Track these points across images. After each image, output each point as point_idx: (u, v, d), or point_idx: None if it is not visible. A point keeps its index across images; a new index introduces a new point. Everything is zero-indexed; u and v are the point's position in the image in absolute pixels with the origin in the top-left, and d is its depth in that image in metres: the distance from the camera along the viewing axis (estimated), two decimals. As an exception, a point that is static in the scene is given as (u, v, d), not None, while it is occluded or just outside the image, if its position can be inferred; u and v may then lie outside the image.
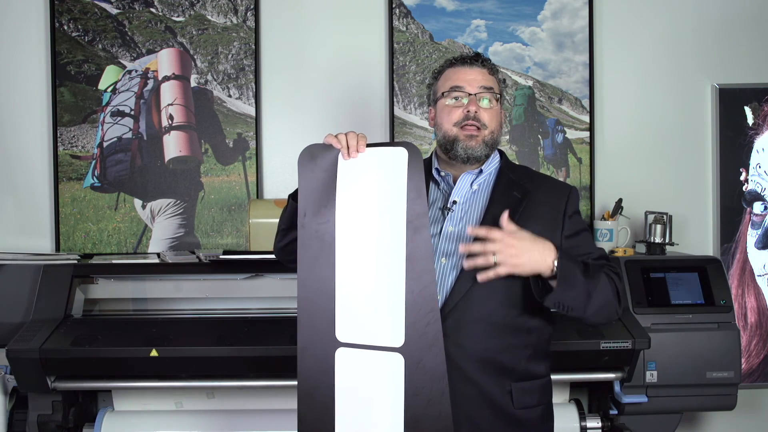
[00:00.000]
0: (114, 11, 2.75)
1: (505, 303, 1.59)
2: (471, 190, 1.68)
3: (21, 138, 2.72)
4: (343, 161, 1.57)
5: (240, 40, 2.77)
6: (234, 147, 2.76)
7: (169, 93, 2.74)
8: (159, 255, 2.55)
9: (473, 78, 1.66)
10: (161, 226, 2.73)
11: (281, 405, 2.33)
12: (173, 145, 2.73)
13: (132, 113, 2.72)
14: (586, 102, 2.83)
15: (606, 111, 2.85)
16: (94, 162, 2.72)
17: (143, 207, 2.73)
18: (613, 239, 2.64)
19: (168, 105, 2.73)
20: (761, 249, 2.82)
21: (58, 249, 2.69)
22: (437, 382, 1.48)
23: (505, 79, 1.76)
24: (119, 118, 2.72)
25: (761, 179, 2.82)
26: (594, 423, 2.38)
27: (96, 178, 2.72)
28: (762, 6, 2.86)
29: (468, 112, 1.64)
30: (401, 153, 1.53)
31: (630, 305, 2.38)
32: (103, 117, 2.72)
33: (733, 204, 2.82)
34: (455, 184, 1.68)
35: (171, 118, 2.73)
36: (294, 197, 1.64)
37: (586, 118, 2.83)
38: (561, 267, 1.49)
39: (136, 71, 2.74)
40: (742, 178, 2.83)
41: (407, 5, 2.80)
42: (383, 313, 1.51)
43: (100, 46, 2.74)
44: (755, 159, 2.83)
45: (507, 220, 1.52)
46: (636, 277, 2.44)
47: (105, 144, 2.72)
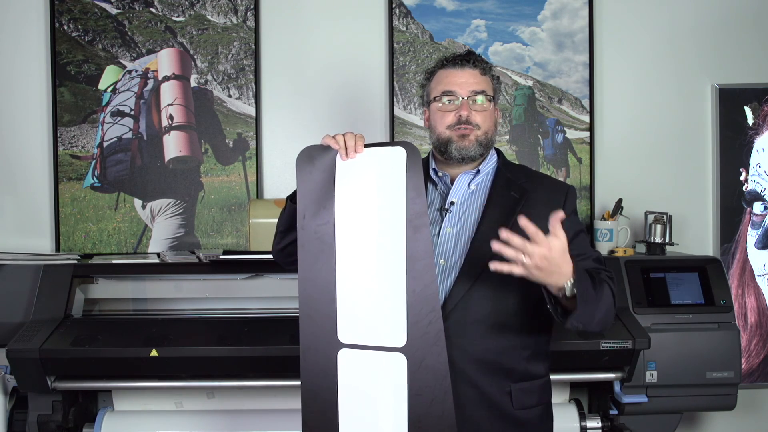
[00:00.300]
0: (114, 11, 2.75)
1: (504, 304, 1.59)
2: (469, 190, 1.67)
3: (21, 138, 2.72)
4: (342, 162, 1.56)
5: (240, 40, 2.77)
6: (234, 147, 2.76)
7: (169, 93, 2.74)
8: (159, 255, 2.55)
9: (464, 81, 1.66)
10: (161, 226, 2.73)
11: (281, 405, 2.33)
12: (173, 145, 2.73)
13: (132, 113, 2.72)
14: (586, 102, 2.83)
15: (606, 111, 2.85)
16: (94, 162, 2.72)
17: (143, 207, 2.73)
18: (613, 239, 2.64)
19: (168, 105, 2.73)
20: (761, 249, 2.82)
21: (58, 249, 2.69)
22: (440, 381, 1.48)
23: (499, 77, 1.75)
24: (119, 118, 2.72)
25: (761, 179, 2.82)
26: (594, 423, 2.38)
27: (96, 178, 2.72)
28: (762, 6, 2.86)
29: (460, 116, 1.64)
30: (399, 153, 1.53)
31: (630, 305, 2.38)
32: (103, 117, 2.72)
33: (733, 204, 2.82)
34: (452, 184, 1.68)
35: (171, 118, 2.73)
36: (292, 199, 1.63)
37: (586, 118, 2.83)
38: (580, 289, 1.45)
39: (136, 71, 2.74)
40: (742, 178, 2.83)
41: (407, 5, 2.80)
42: (385, 314, 1.51)
43: (100, 46, 2.74)
44: (755, 159, 2.83)
45: (558, 224, 1.43)
46: (636, 277, 2.44)
47: (105, 144, 2.72)
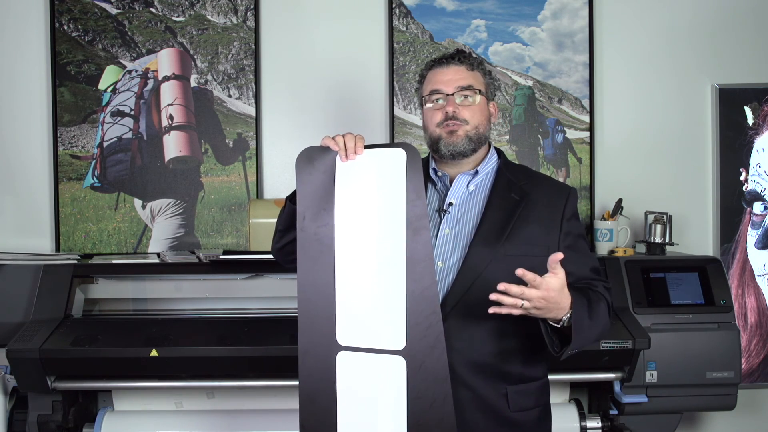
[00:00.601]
0: (114, 11, 2.75)
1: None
2: (467, 191, 1.67)
3: (21, 138, 2.72)
4: (341, 163, 1.56)
5: (240, 40, 2.77)
6: (234, 147, 2.76)
7: (169, 93, 2.74)
8: (159, 255, 2.55)
9: (450, 78, 1.66)
10: (161, 226, 2.73)
11: (281, 405, 2.33)
12: (173, 145, 2.73)
13: (132, 113, 2.72)
14: (586, 102, 2.83)
15: (606, 111, 2.85)
16: (94, 162, 2.72)
17: (143, 207, 2.73)
18: (613, 239, 2.64)
19: (168, 105, 2.73)
20: (761, 249, 2.82)
21: (58, 249, 2.69)
22: (440, 384, 1.48)
23: (491, 72, 1.74)
24: (119, 118, 2.72)
25: (761, 179, 2.82)
26: (594, 423, 2.38)
27: (96, 178, 2.72)
28: (762, 6, 2.86)
29: (446, 113, 1.64)
30: (399, 154, 1.53)
31: (630, 305, 2.38)
32: (103, 117, 2.72)
33: (733, 204, 2.82)
34: (451, 185, 1.67)
35: (171, 118, 2.73)
36: (291, 199, 1.63)
37: (586, 118, 2.83)
38: (575, 321, 1.47)
39: (136, 71, 2.74)
40: (742, 178, 2.83)
41: (407, 5, 2.80)
42: (384, 316, 1.50)
43: (100, 46, 2.74)
44: (755, 159, 2.83)
45: (557, 264, 1.43)
46: (636, 277, 2.44)
47: (105, 144, 2.72)
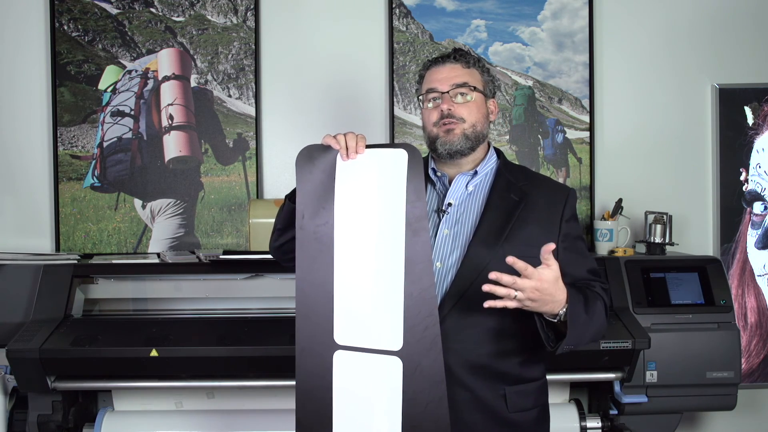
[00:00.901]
0: (114, 11, 2.75)
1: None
2: (466, 191, 1.66)
3: (21, 138, 2.72)
4: (342, 162, 1.56)
5: (240, 40, 2.77)
6: (234, 147, 2.76)
7: (169, 93, 2.74)
8: (159, 255, 2.55)
9: (445, 76, 1.66)
10: (161, 226, 2.73)
11: (281, 405, 2.33)
12: (173, 145, 2.73)
13: (132, 113, 2.72)
14: (586, 102, 2.83)
15: (606, 111, 2.85)
16: (94, 162, 2.72)
17: (143, 207, 2.73)
18: (613, 239, 2.64)
19: (168, 105, 2.73)
20: (761, 249, 2.82)
21: (58, 249, 2.69)
22: (435, 386, 1.48)
23: (490, 69, 1.74)
24: (119, 118, 2.72)
25: (761, 179, 2.82)
26: (594, 423, 2.38)
27: (96, 178, 2.72)
28: (762, 6, 2.86)
29: (442, 111, 1.64)
30: (401, 155, 1.53)
31: (630, 305, 2.38)
32: (103, 117, 2.72)
33: (733, 204, 2.82)
34: (450, 185, 1.67)
35: (171, 118, 2.73)
36: (290, 197, 1.63)
37: (586, 118, 2.83)
38: (570, 316, 1.47)
39: (136, 71, 2.74)
40: (742, 178, 2.83)
41: (407, 5, 2.80)
42: (382, 316, 1.50)
43: (100, 46, 2.74)
44: (755, 159, 2.82)
45: (549, 254, 1.43)
46: (636, 277, 2.44)
47: (105, 144, 2.72)
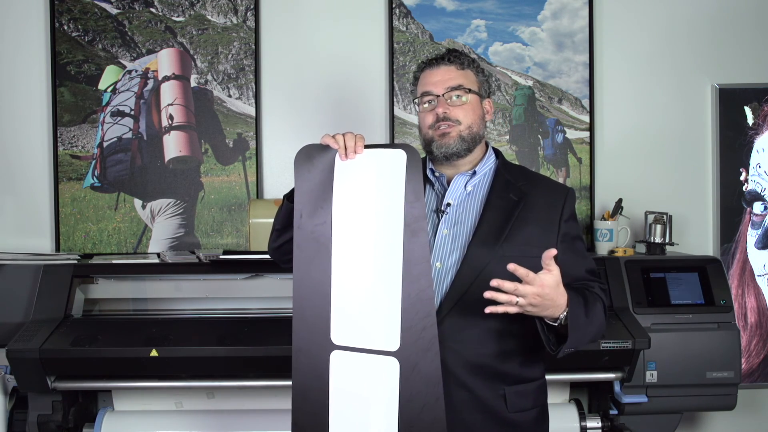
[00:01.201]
0: (114, 11, 2.75)
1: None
2: (465, 192, 1.66)
3: (21, 138, 2.72)
4: (341, 162, 1.56)
5: (240, 40, 2.77)
6: (234, 147, 2.76)
7: (169, 93, 2.74)
8: (159, 255, 2.55)
9: (439, 79, 1.66)
10: (161, 226, 2.73)
11: (281, 405, 2.33)
12: (173, 145, 2.73)
13: (132, 113, 2.72)
14: (586, 102, 2.83)
15: (606, 111, 2.85)
16: (94, 162, 2.72)
17: (143, 207, 2.73)
18: (613, 239, 2.64)
19: (168, 105, 2.73)
20: (761, 249, 2.82)
21: (58, 249, 2.69)
22: (432, 387, 1.48)
23: (484, 69, 1.74)
24: (119, 118, 2.72)
25: (761, 179, 2.82)
26: (594, 423, 2.38)
27: (96, 178, 2.72)
28: (762, 6, 2.86)
29: (437, 114, 1.64)
30: (400, 155, 1.53)
31: (630, 305, 2.38)
32: (103, 117, 2.72)
33: (733, 204, 2.82)
34: (449, 185, 1.67)
35: (171, 118, 2.73)
36: (289, 197, 1.63)
37: (586, 118, 2.83)
38: (571, 319, 1.48)
39: (136, 71, 2.74)
40: (742, 178, 2.83)
41: (407, 5, 2.80)
42: (379, 317, 1.50)
43: (100, 46, 2.74)
44: (755, 159, 2.82)
45: (551, 260, 1.44)
46: (636, 277, 2.44)
47: (105, 144, 2.72)
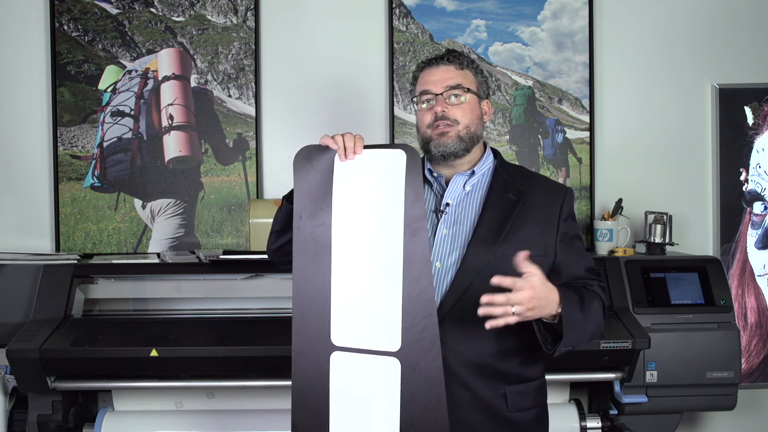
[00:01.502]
0: (114, 11, 2.75)
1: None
2: (464, 191, 1.67)
3: (21, 138, 2.72)
4: (340, 163, 1.55)
5: (240, 40, 2.77)
6: (234, 147, 2.76)
7: (169, 93, 2.74)
8: (159, 255, 2.55)
9: (438, 78, 1.66)
10: (161, 226, 2.73)
11: (281, 405, 2.33)
12: (173, 145, 2.73)
13: (132, 113, 2.72)
14: (586, 102, 2.83)
15: (606, 111, 2.85)
16: (94, 162, 2.72)
17: (143, 207, 2.73)
18: (613, 239, 2.64)
19: (168, 105, 2.73)
20: (761, 249, 2.82)
21: (58, 249, 2.69)
22: (434, 387, 1.47)
23: (483, 70, 1.74)
24: (119, 118, 2.72)
25: (761, 179, 2.82)
26: (594, 423, 2.38)
27: (96, 178, 2.72)
28: (762, 6, 2.86)
29: (436, 113, 1.64)
30: (399, 155, 1.53)
31: (630, 305, 2.38)
32: (103, 117, 2.72)
33: (733, 204, 2.82)
34: (448, 185, 1.67)
35: (171, 118, 2.73)
36: (288, 198, 1.62)
37: (586, 118, 2.83)
38: (566, 316, 1.47)
39: (136, 71, 2.74)
40: (742, 178, 2.83)
41: (407, 5, 2.80)
42: (379, 317, 1.50)
43: (100, 46, 2.74)
44: (755, 159, 2.83)
45: (525, 261, 1.45)
46: (636, 277, 2.44)
47: (105, 144, 2.72)
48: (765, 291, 2.81)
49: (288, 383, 2.15)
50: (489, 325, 1.42)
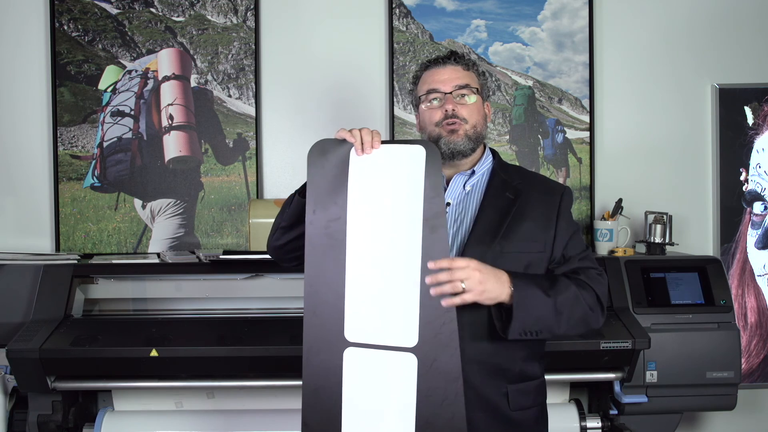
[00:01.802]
0: (114, 11, 2.75)
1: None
2: (464, 191, 1.67)
3: (21, 138, 2.72)
4: (356, 157, 1.54)
5: (240, 40, 2.77)
6: (234, 147, 2.76)
7: (169, 93, 2.74)
8: (159, 255, 2.55)
9: (447, 77, 1.67)
10: (161, 226, 2.73)
11: (281, 405, 2.33)
12: (173, 145, 2.73)
13: (132, 113, 2.72)
14: (586, 102, 2.83)
15: (606, 111, 2.85)
16: (94, 162, 2.72)
17: (143, 207, 2.73)
18: (613, 239, 2.64)
19: (168, 105, 2.74)
20: (761, 249, 2.82)
21: (58, 249, 2.69)
22: (452, 382, 1.47)
23: (485, 73, 1.75)
24: (119, 118, 2.72)
25: (761, 179, 2.82)
26: (594, 423, 2.38)
27: (96, 178, 2.72)
28: (762, 6, 2.86)
29: (446, 111, 1.64)
30: (418, 150, 1.52)
31: (630, 305, 2.38)
32: (103, 117, 2.72)
33: (733, 204, 2.82)
34: (448, 185, 1.67)
35: (171, 118, 2.73)
36: (300, 193, 1.60)
37: (586, 118, 2.83)
38: (516, 292, 1.49)
39: (136, 71, 2.74)
40: (742, 178, 2.83)
41: (407, 5, 2.80)
42: (396, 313, 1.49)
43: (100, 46, 2.74)
44: (755, 159, 2.83)
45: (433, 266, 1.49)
46: (636, 277, 2.44)
47: (105, 144, 2.72)
48: (765, 291, 2.81)
49: (288, 383, 2.17)
50: (445, 303, 1.46)
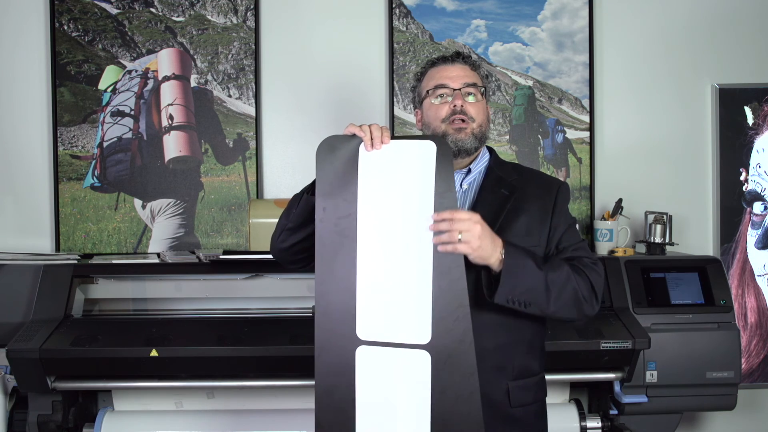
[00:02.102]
0: (114, 11, 2.75)
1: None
2: (461, 190, 1.67)
3: (21, 138, 2.72)
4: (366, 153, 1.53)
5: (240, 40, 2.77)
6: (234, 147, 2.76)
7: (169, 93, 2.74)
8: (159, 255, 2.55)
9: (456, 74, 1.67)
10: (161, 226, 2.73)
11: (281, 405, 2.33)
12: (173, 145, 2.73)
13: (132, 113, 2.72)
14: (586, 102, 2.83)
15: (606, 111, 2.85)
16: (94, 162, 2.72)
17: (143, 207, 2.73)
18: (613, 239, 2.64)
19: (168, 105, 2.74)
20: (761, 249, 2.82)
21: (58, 249, 2.69)
22: (467, 378, 1.46)
23: (488, 75, 1.75)
24: (119, 118, 2.72)
25: (761, 179, 2.82)
26: (594, 423, 2.38)
27: (96, 178, 2.72)
28: (762, 6, 2.86)
29: (454, 106, 1.64)
30: (429, 146, 1.50)
31: (630, 305, 2.38)
32: (103, 117, 2.72)
33: (733, 204, 2.82)
34: None
35: (171, 118, 2.73)
36: (308, 191, 1.60)
37: (586, 118, 2.83)
38: (507, 258, 1.48)
39: (136, 71, 2.74)
40: (742, 178, 2.83)
41: (407, 5, 2.80)
42: (408, 310, 1.48)
43: (100, 46, 2.74)
44: (755, 159, 2.83)
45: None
46: (636, 277, 2.44)
47: (105, 144, 2.72)
48: (765, 291, 2.81)
49: (288, 383, 2.17)
50: (441, 249, 1.46)
